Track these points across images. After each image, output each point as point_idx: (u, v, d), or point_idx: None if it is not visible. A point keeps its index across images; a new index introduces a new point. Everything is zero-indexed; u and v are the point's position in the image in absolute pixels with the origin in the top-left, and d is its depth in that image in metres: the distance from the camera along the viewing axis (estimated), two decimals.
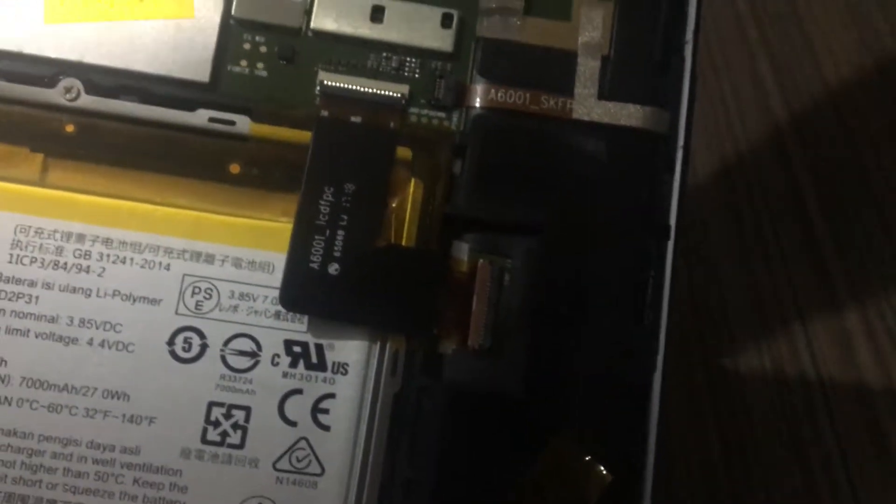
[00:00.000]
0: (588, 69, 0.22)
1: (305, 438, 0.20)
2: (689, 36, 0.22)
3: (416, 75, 0.22)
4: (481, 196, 0.21)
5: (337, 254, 0.20)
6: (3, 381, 0.20)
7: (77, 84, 0.21)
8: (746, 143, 0.44)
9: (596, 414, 0.21)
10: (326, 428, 0.20)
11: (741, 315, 0.38)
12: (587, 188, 0.21)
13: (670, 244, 0.21)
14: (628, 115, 0.22)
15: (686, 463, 0.33)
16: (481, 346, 0.21)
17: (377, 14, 0.22)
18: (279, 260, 0.20)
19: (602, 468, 0.20)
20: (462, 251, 0.21)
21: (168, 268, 0.20)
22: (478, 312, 0.21)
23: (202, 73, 0.21)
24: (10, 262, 0.20)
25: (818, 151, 0.43)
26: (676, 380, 0.35)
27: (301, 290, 0.20)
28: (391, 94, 0.22)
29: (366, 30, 0.22)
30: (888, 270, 0.40)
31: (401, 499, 0.20)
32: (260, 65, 0.22)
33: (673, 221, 0.22)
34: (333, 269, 0.20)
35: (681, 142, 0.22)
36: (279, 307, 0.20)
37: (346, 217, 0.20)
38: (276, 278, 0.20)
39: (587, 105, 0.22)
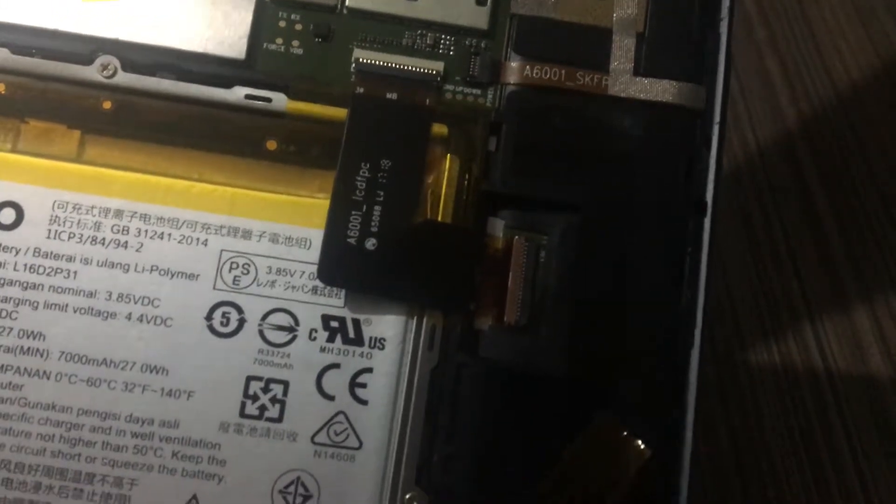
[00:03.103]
0: (623, 45, 0.22)
1: (343, 412, 0.20)
2: (725, 12, 0.22)
3: (451, 52, 0.22)
4: (517, 173, 0.21)
5: (374, 229, 0.20)
6: (42, 356, 0.20)
7: (114, 61, 0.21)
8: (755, 142, 0.44)
9: (634, 391, 0.20)
10: (364, 402, 0.20)
11: (750, 312, 0.38)
12: (623, 165, 0.21)
13: (707, 220, 0.21)
14: (664, 90, 0.22)
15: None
16: (517, 322, 0.21)
17: None
18: (316, 235, 0.20)
19: (641, 443, 0.20)
20: (498, 228, 0.21)
21: (206, 243, 0.20)
22: (513, 289, 0.21)
23: (238, 51, 0.21)
24: (49, 238, 0.20)
25: (827, 150, 0.43)
26: None
27: (338, 265, 0.20)
28: (426, 71, 0.22)
29: (401, 7, 0.22)
30: None
31: (440, 474, 0.20)
32: (296, 42, 0.22)
33: (710, 197, 0.21)
34: (371, 244, 0.20)
35: (717, 118, 0.22)
36: (317, 282, 0.20)
37: (382, 193, 0.20)
38: (314, 254, 0.20)
39: (623, 81, 0.22)
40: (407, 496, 0.20)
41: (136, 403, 0.20)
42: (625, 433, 0.20)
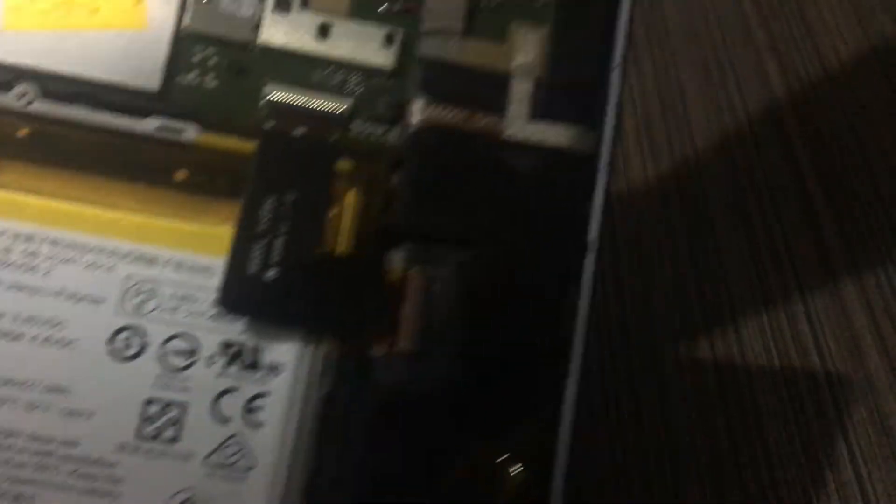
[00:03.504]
0: (521, 90, 0.23)
1: (238, 434, 0.21)
2: (618, 61, 0.23)
3: (359, 91, 0.23)
4: (416, 209, 0.22)
5: (275, 259, 0.21)
6: None
7: (31, 89, 0.22)
8: (753, 142, 0.44)
9: (514, 416, 0.22)
10: (259, 425, 0.21)
11: (748, 312, 0.39)
12: (516, 204, 0.23)
13: (589, 259, 0.23)
14: (557, 135, 0.23)
15: (696, 463, 0.34)
16: (409, 349, 0.22)
17: (323, 31, 0.23)
18: (220, 264, 0.21)
19: (518, 466, 0.21)
20: (396, 260, 0.22)
21: (112, 269, 0.21)
22: (407, 318, 0.22)
23: (152, 82, 0.22)
24: None
25: (826, 150, 0.44)
26: (687, 378, 0.36)
27: (239, 293, 0.21)
28: (334, 108, 0.23)
29: (312, 46, 0.23)
30: None
31: (327, 493, 0.21)
32: (209, 76, 0.23)
33: (593, 237, 0.23)
34: (271, 273, 0.21)
35: (605, 161, 0.23)
36: (218, 309, 0.21)
37: (285, 225, 0.21)
38: (217, 282, 0.21)
39: (519, 125, 0.23)
40: None
41: (38, 422, 0.20)
42: (504, 455, 0.21)
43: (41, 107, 0.22)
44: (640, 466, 0.33)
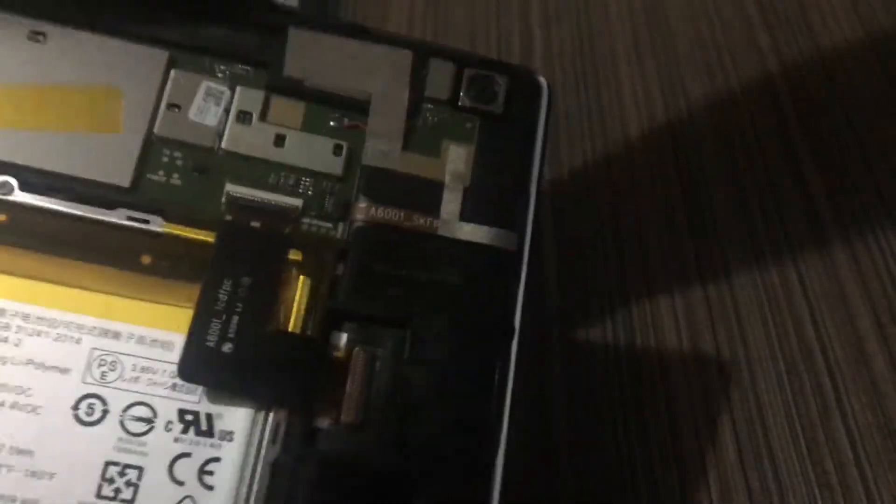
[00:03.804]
0: (451, 196, 0.27)
1: (191, 497, 0.23)
2: (535, 175, 0.27)
3: (310, 192, 0.26)
4: (359, 294, 0.25)
5: (231, 335, 0.24)
6: None
7: (11, 181, 0.24)
8: (756, 144, 0.45)
9: (450, 481, 0.24)
10: (211, 488, 0.23)
11: (752, 315, 0.40)
12: (448, 292, 0.26)
13: (514, 343, 0.26)
14: (483, 234, 0.26)
15: (702, 468, 0.35)
16: (353, 422, 0.24)
17: (279, 140, 0.26)
18: (179, 339, 0.24)
19: None
20: (340, 340, 0.25)
21: (79, 342, 0.23)
22: (351, 392, 0.24)
23: (124, 179, 0.25)
24: None
25: (827, 149, 0.45)
26: (692, 382, 0.37)
27: (196, 364, 0.23)
28: (287, 205, 0.26)
29: (269, 152, 0.26)
30: None
31: None
32: (175, 175, 0.26)
33: (517, 324, 0.26)
34: (227, 347, 0.23)
35: (525, 258, 0.26)
36: (176, 379, 0.23)
37: (241, 305, 0.24)
38: (175, 355, 0.23)
39: (450, 224, 0.26)
40: None
41: (2, 482, 0.22)
42: None
43: (19, 197, 0.24)
44: (646, 474, 0.35)
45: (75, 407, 0.23)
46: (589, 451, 0.35)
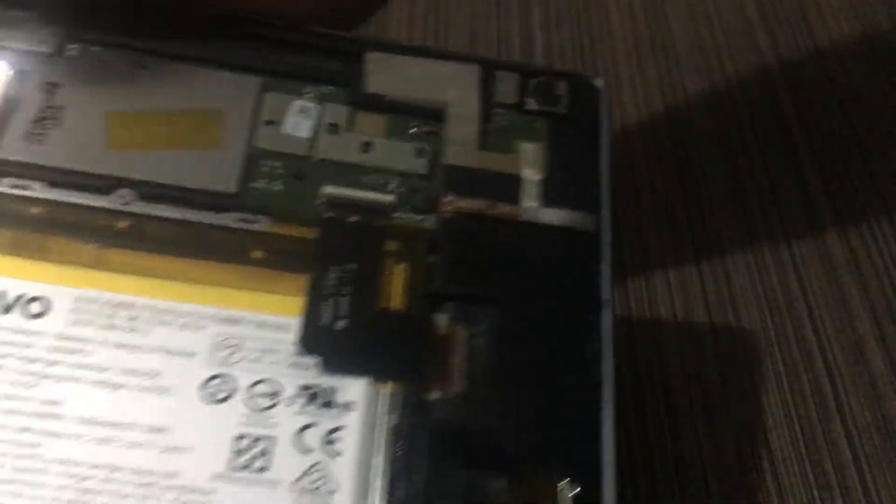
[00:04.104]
0: (530, 187, 0.29)
1: (321, 462, 0.24)
2: (604, 163, 0.29)
3: (400, 190, 0.28)
4: (454, 276, 0.27)
5: (343, 314, 0.25)
6: (58, 419, 0.23)
7: (129, 193, 0.27)
8: (756, 144, 0.45)
9: (557, 441, 0.25)
10: (338, 454, 0.24)
11: (751, 316, 0.40)
12: (537, 270, 0.27)
13: (607, 314, 0.27)
14: (565, 217, 0.28)
15: (702, 469, 0.35)
16: (460, 393, 0.25)
17: (367, 147, 0.29)
18: (294, 323, 0.25)
19: (568, 485, 0.24)
20: (441, 320, 0.26)
21: (202, 329, 0.25)
22: (454, 366, 0.26)
23: (230, 186, 0.27)
24: (70, 325, 0.24)
25: (828, 151, 0.45)
26: (691, 384, 0.37)
27: (315, 338, 0.25)
28: (380, 201, 0.28)
29: (359, 157, 0.28)
30: None
31: None
32: (276, 181, 0.28)
33: (605, 296, 0.27)
34: (340, 324, 0.25)
35: (606, 237, 0.28)
36: (296, 358, 0.25)
37: (348, 288, 0.26)
38: (293, 336, 0.25)
39: (531, 211, 0.28)
40: None
41: (140, 458, 0.23)
42: (552, 475, 0.24)
43: (137, 207, 0.26)
44: (646, 473, 0.35)
45: (203, 387, 0.24)
46: None
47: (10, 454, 0.22)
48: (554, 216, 0.28)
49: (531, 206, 0.28)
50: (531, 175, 0.29)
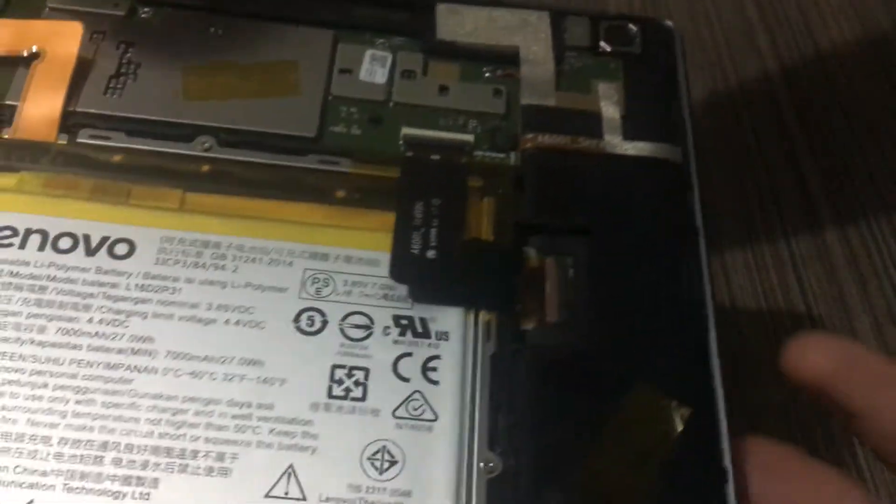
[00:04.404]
0: (611, 122, 0.28)
1: (419, 391, 0.23)
2: (684, 96, 0.29)
3: (479, 129, 0.28)
4: (542, 206, 0.26)
5: (432, 244, 0.24)
6: (150, 356, 0.22)
7: (210, 140, 0.26)
8: (756, 145, 0.45)
9: (662, 364, 0.24)
10: (436, 383, 0.23)
11: (752, 316, 0.39)
12: (627, 200, 0.26)
13: (702, 239, 0.26)
14: (651, 149, 0.27)
15: None
16: (557, 321, 0.24)
17: (444, 90, 0.28)
18: (383, 257, 0.24)
19: (679, 405, 0.23)
20: (531, 253, 0.26)
21: (291, 264, 0.24)
22: (550, 294, 0.25)
23: (310, 130, 0.27)
24: (156, 264, 0.24)
25: (828, 152, 0.44)
26: None
27: (406, 267, 0.24)
28: (460, 140, 0.27)
29: (436, 100, 0.28)
30: None
31: (505, 441, 0.22)
32: (355, 126, 0.27)
33: (699, 223, 0.26)
34: (431, 254, 0.24)
35: (693, 167, 0.27)
36: (387, 290, 0.24)
37: (436, 220, 0.25)
38: (382, 270, 0.24)
39: (615, 143, 0.27)
40: (483, 459, 0.22)
41: (235, 390, 0.22)
42: (662, 397, 0.23)
43: (219, 152, 0.26)
44: None
45: (296, 320, 0.23)
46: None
47: (100, 390, 0.22)
48: (639, 148, 0.27)
49: (614, 140, 0.28)
50: (611, 112, 0.28)
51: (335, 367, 0.23)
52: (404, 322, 0.24)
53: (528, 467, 0.22)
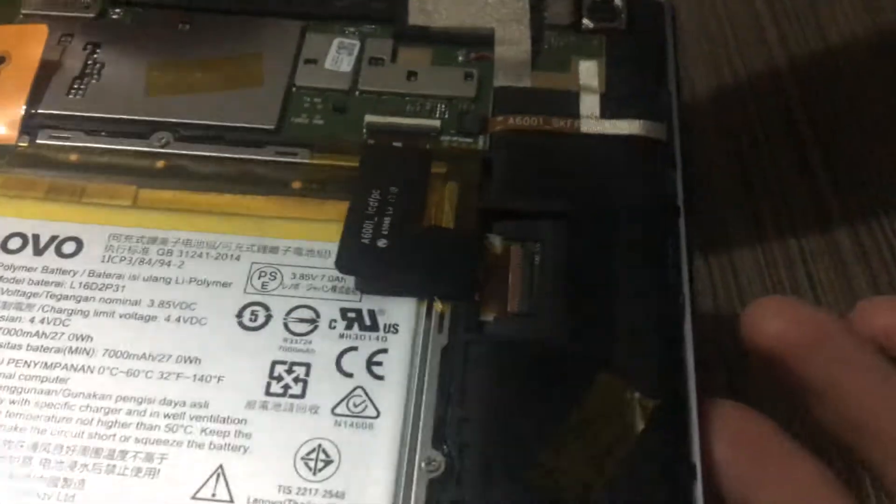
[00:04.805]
0: (588, 101, 0.26)
1: (361, 387, 0.21)
2: (671, 70, 0.27)
3: (446, 115, 0.26)
4: (508, 190, 0.24)
5: (384, 232, 0.23)
6: (87, 354, 0.22)
7: (167, 135, 0.26)
8: (766, 144, 0.43)
9: (630, 354, 0.22)
10: (381, 378, 0.21)
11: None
12: (603, 181, 0.25)
13: (682, 220, 0.24)
14: (629, 126, 0.25)
15: None
16: (519, 311, 0.23)
17: (412, 75, 0.27)
18: (334, 248, 0.23)
19: (645, 397, 0.21)
20: (496, 241, 0.24)
21: (238, 258, 0.23)
22: (514, 283, 0.23)
23: (269, 122, 0.26)
24: (103, 262, 0.23)
25: (837, 150, 0.43)
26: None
27: (353, 256, 0.23)
28: (426, 126, 0.26)
29: (403, 86, 0.27)
30: None
31: (454, 435, 0.21)
32: (317, 116, 0.26)
33: (681, 203, 0.24)
34: (382, 243, 0.23)
35: (677, 144, 0.25)
36: (335, 283, 0.23)
37: (391, 209, 0.24)
38: (332, 261, 0.23)
39: (592, 123, 0.26)
40: (425, 458, 0.20)
41: (170, 389, 0.21)
42: (627, 387, 0.21)
43: (175, 147, 0.25)
44: None
45: (239, 315, 0.22)
46: None
47: (35, 390, 0.21)
48: (618, 126, 0.26)
49: (591, 119, 0.26)
50: (590, 89, 0.26)
51: (275, 363, 0.22)
52: (352, 315, 0.22)
53: (473, 465, 0.20)
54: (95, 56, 0.27)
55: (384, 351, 0.22)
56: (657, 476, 0.20)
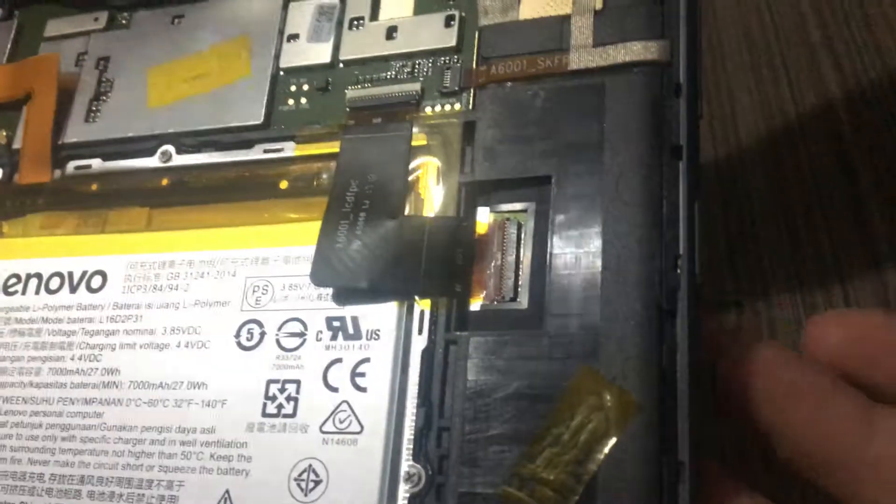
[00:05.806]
0: (581, 24, 0.23)
1: (346, 401, 0.21)
2: None
3: (428, 73, 0.24)
4: (492, 160, 0.22)
5: (359, 233, 0.22)
6: (117, 387, 0.24)
7: (170, 149, 0.26)
8: (806, 152, 0.40)
9: (621, 345, 0.20)
10: (364, 389, 0.21)
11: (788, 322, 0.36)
12: (590, 128, 0.22)
13: (682, 163, 0.21)
14: (625, 52, 0.22)
15: (721, 455, 0.31)
16: (506, 297, 0.21)
17: (391, 32, 0.25)
18: None
19: (629, 392, 0.19)
20: (483, 215, 0.22)
21: (234, 274, 0.24)
22: (502, 266, 0.21)
23: (257, 116, 0.25)
24: (124, 293, 0.25)
25: (886, 165, 0.39)
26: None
27: (326, 267, 0.22)
28: (406, 92, 0.24)
29: (382, 48, 0.25)
30: None
31: (435, 447, 0.20)
32: (303, 100, 0.25)
33: (683, 141, 0.21)
34: (356, 246, 0.22)
35: (682, 66, 0.21)
36: (321, 290, 0.23)
37: (368, 202, 0.23)
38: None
39: (583, 54, 0.22)
40: (405, 470, 0.20)
41: (183, 416, 0.23)
42: (609, 383, 0.19)
43: (177, 160, 0.26)
44: None
45: (237, 335, 0.23)
46: None
47: (79, 426, 0.24)
48: (612, 54, 0.22)
49: (582, 47, 0.23)
50: (583, 9, 0.23)
51: (270, 381, 0.22)
52: (336, 324, 0.22)
53: (452, 478, 0.20)
54: (106, 73, 0.28)
55: (367, 360, 0.22)
56: (643, 475, 0.19)
